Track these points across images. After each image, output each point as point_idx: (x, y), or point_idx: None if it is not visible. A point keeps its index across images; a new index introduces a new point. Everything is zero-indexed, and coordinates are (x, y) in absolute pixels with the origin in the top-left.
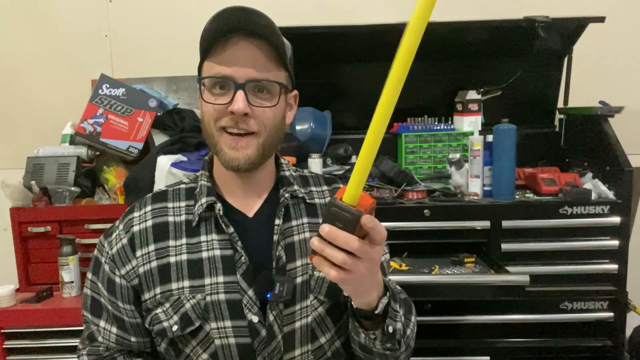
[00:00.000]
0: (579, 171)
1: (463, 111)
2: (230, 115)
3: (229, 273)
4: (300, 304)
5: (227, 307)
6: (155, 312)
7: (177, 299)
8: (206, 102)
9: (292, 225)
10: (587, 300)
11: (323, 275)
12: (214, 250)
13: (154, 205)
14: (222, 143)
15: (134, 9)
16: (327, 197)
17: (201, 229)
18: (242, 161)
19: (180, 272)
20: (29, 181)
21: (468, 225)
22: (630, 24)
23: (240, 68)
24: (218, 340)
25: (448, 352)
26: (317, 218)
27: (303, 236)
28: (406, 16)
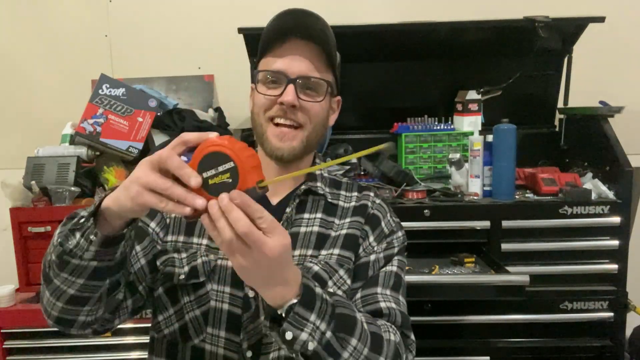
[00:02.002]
0: (579, 171)
1: (463, 111)
2: (279, 106)
3: None
4: None
5: (231, 274)
6: (172, 255)
7: (194, 252)
8: (259, 93)
9: (304, 217)
10: (587, 300)
11: (311, 266)
12: None
13: None
14: (270, 133)
15: (134, 9)
16: (353, 203)
17: None
18: (286, 152)
19: (203, 229)
20: (29, 181)
21: (468, 225)
22: (630, 24)
23: (292, 64)
24: (213, 302)
25: (448, 352)
26: (333, 217)
27: (310, 229)
28: (406, 16)
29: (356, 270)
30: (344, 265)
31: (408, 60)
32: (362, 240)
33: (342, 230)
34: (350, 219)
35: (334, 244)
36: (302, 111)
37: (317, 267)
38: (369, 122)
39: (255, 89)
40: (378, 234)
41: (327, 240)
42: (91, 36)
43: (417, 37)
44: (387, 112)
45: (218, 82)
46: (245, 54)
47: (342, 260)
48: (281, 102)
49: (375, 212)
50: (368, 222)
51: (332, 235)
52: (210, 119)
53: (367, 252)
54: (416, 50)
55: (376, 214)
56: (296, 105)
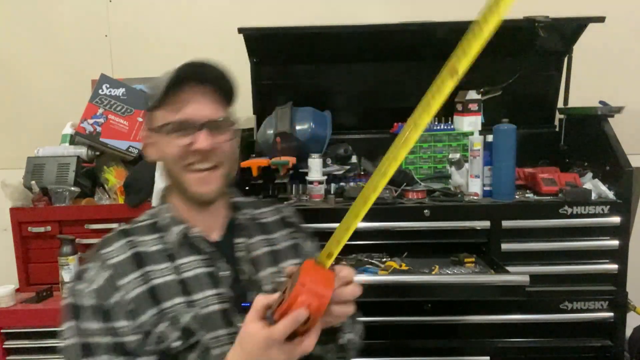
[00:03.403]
0: (579, 171)
1: (463, 111)
2: (195, 153)
3: (215, 286)
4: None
5: (220, 317)
6: (155, 331)
7: (174, 315)
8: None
9: (251, 242)
10: (587, 300)
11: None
12: (197, 269)
13: (124, 240)
14: (190, 180)
15: (134, 9)
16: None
17: (179, 254)
18: (210, 195)
19: (170, 290)
20: (29, 181)
21: (468, 225)
22: (630, 24)
23: (198, 109)
24: (216, 350)
25: (448, 352)
26: (269, 234)
27: (262, 250)
28: (406, 16)
29: None
30: None
31: (408, 60)
32: (301, 246)
33: (285, 242)
34: (284, 231)
35: (286, 255)
36: (216, 152)
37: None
38: (369, 122)
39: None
40: (305, 238)
41: (278, 254)
42: (91, 36)
43: (417, 37)
44: (387, 112)
45: None
46: (245, 54)
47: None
48: (197, 149)
49: (294, 220)
50: (296, 230)
51: (278, 249)
52: None
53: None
54: (416, 50)
55: (296, 221)
56: (212, 149)
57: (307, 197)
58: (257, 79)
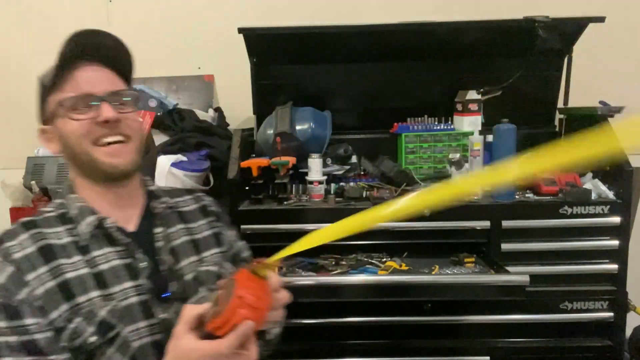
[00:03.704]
0: (579, 171)
1: (463, 111)
2: (102, 126)
3: (133, 278)
4: (194, 298)
5: (139, 309)
6: (69, 327)
7: (89, 310)
8: (72, 120)
9: (170, 231)
10: (587, 300)
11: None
12: (113, 261)
13: (30, 232)
14: (99, 155)
15: (134, 9)
16: (193, 205)
17: (91, 246)
18: (123, 166)
19: (84, 284)
20: (29, 181)
21: (468, 225)
22: (630, 24)
23: (96, 84)
24: (136, 342)
25: (448, 352)
26: (189, 223)
27: (182, 239)
28: (406, 16)
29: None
30: (227, 259)
31: (408, 60)
32: (223, 235)
33: (205, 232)
34: (204, 221)
35: (208, 244)
36: (124, 124)
37: (214, 267)
38: (369, 122)
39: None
40: (227, 225)
41: (198, 243)
42: None
43: (417, 37)
44: (387, 112)
45: (218, 82)
46: (245, 54)
47: (224, 256)
48: (104, 120)
49: (214, 209)
50: (217, 218)
51: (199, 237)
52: (210, 119)
53: (229, 244)
54: (416, 50)
55: (216, 210)
56: (118, 119)
57: (307, 197)
58: (257, 79)
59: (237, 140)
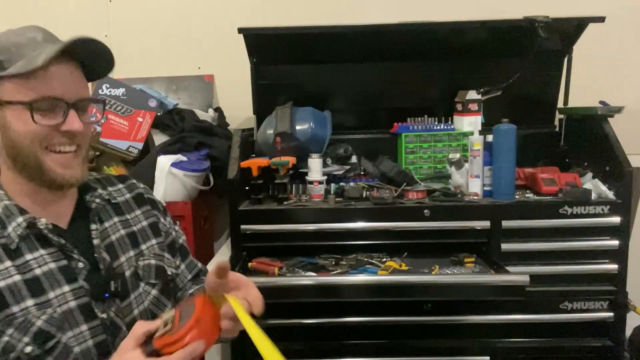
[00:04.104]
0: (579, 171)
1: (463, 111)
2: (62, 134)
3: (71, 281)
4: (134, 294)
5: (80, 312)
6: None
7: (23, 320)
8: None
9: (107, 226)
10: (587, 300)
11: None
12: (47, 265)
13: None
14: (51, 162)
15: (134, 9)
16: (127, 194)
17: (22, 249)
18: (73, 179)
19: (17, 293)
20: None
21: (468, 225)
22: (630, 24)
23: (68, 89)
24: (77, 347)
25: (448, 352)
26: (124, 215)
27: (119, 234)
28: (406, 16)
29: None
30: (165, 248)
31: (408, 60)
32: (160, 223)
33: (142, 222)
34: (139, 211)
35: (145, 236)
36: (81, 134)
37: (153, 261)
38: (369, 122)
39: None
40: (162, 212)
41: (136, 236)
42: (91, 36)
43: (417, 37)
44: (387, 112)
45: (218, 82)
46: (245, 54)
47: (161, 246)
48: (68, 130)
49: (149, 197)
50: (153, 207)
51: (136, 230)
52: (210, 119)
53: (166, 232)
54: (416, 50)
55: (151, 197)
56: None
57: (307, 197)
58: (257, 79)
59: (237, 140)
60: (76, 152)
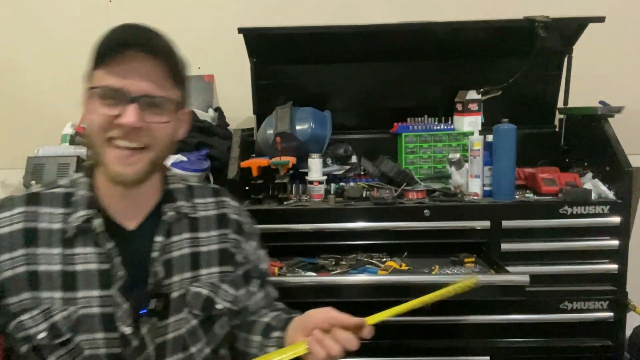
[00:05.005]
0: (579, 171)
1: (463, 111)
2: (120, 128)
3: (104, 287)
4: (175, 317)
5: (100, 320)
6: (21, 318)
7: (47, 308)
8: (95, 112)
9: (173, 241)
10: (587, 300)
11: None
12: (90, 264)
13: (26, 208)
14: (109, 156)
15: (134, 9)
16: (212, 210)
17: (77, 240)
18: (130, 177)
19: (51, 281)
20: (29, 181)
21: (468, 225)
22: (630, 24)
23: (135, 82)
24: (88, 351)
25: (448, 352)
26: (198, 232)
27: (182, 252)
28: (406, 16)
29: (244, 276)
30: (226, 279)
31: (408, 60)
32: (236, 249)
33: (213, 246)
34: (217, 232)
35: (209, 261)
36: (146, 132)
37: (205, 290)
38: (369, 122)
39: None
40: (246, 237)
41: (200, 258)
42: (91, 36)
43: (417, 37)
44: (387, 112)
45: (218, 82)
46: (245, 54)
47: (223, 276)
48: (122, 123)
49: (237, 218)
50: (234, 230)
51: (202, 251)
52: (210, 119)
53: (245, 258)
54: (416, 50)
55: (238, 219)
56: (139, 127)
57: (307, 197)
58: (257, 79)
59: (237, 140)
60: (141, 150)
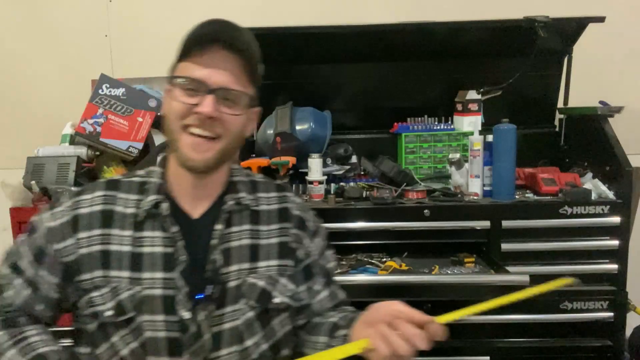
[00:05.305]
0: (579, 171)
1: (463, 111)
2: (196, 116)
3: (167, 270)
4: (231, 307)
5: (161, 302)
6: (91, 295)
7: (115, 286)
8: (175, 99)
9: (233, 231)
10: (587, 300)
11: (255, 281)
12: (156, 247)
13: (105, 192)
14: (184, 142)
15: (134, 9)
16: (275, 205)
17: (146, 224)
18: (200, 163)
19: (121, 261)
20: (29, 181)
21: (468, 225)
22: (630, 24)
23: (214, 74)
24: (149, 332)
25: (448, 352)
26: (259, 225)
27: (241, 242)
28: (406, 16)
29: (304, 272)
30: (284, 273)
31: (408, 60)
32: (297, 244)
33: (273, 239)
34: (278, 226)
35: (269, 254)
36: (219, 123)
37: (261, 282)
38: (369, 122)
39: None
40: (309, 235)
41: (259, 250)
42: (91, 36)
43: (417, 37)
44: (387, 112)
45: None
46: None
47: (282, 270)
48: (198, 112)
49: (299, 214)
50: (296, 225)
51: (262, 244)
52: None
53: (306, 254)
54: (416, 50)
55: (301, 215)
56: (214, 117)
57: (307, 197)
58: None
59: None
60: (214, 140)
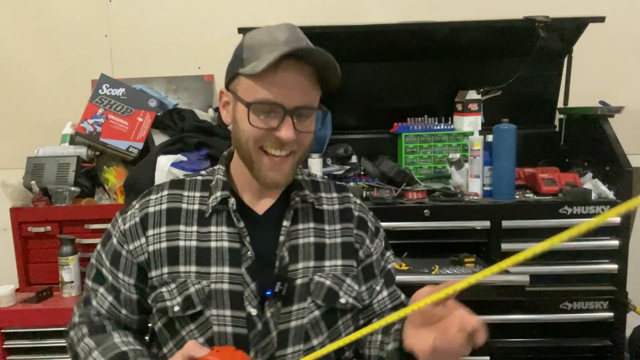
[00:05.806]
0: (579, 171)
1: (463, 111)
2: (275, 139)
3: (234, 265)
4: (298, 305)
5: (229, 296)
6: (160, 290)
7: (183, 281)
8: (251, 125)
9: (299, 228)
10: (587, 300)
11: (322, 280)
12: (222, 242)
13: (170, 191)
14: (262, 164)
15: (134, 9)
16: (337, 206)
17: (212, 220)
18: (282, 182)
19: (188, 256)
20: (29, 181)
21: (468, 225)
22: (630, 24)
23: (290, 95)
24: (216, 327)
25: None
26: (323, 224)
27: (307, 240)
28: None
29: (364, 272)
30: (349, 273)
31: (408, 60)
32: (359, 245)
33: (337, 239)
34: (341, 226)
35: (334, 254)
36: (295, 141)
37: (328, 281)
38: (369, 122)
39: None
40: (370, 235)
41: (325, 249)
42: (91, 36)
43: (417, 37)
44: (387, 112)
45: (218, 82)
46: None
47: (347, 270)
48: (279, 137)
49: (360, 214)
50: (358, 226)
51: (327, 243)
52: (210, 119)
53: (367, 254)
54: (416, 50)
55: (361, 215)
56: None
57: None
58: None
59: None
60: (288, 156)
